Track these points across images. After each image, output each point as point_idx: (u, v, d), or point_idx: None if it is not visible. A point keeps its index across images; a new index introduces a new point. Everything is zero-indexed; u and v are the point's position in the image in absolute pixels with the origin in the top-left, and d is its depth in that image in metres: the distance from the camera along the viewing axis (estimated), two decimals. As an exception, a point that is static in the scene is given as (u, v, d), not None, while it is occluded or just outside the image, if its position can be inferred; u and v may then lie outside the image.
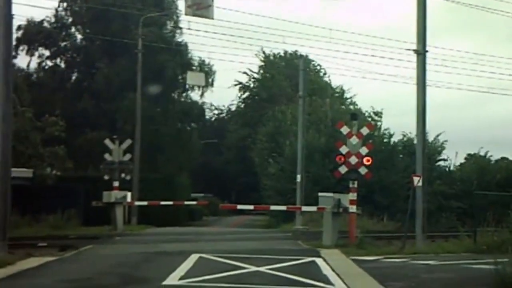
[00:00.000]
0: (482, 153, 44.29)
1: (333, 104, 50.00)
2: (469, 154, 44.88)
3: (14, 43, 45.49)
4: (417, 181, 22.01)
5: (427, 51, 23.56)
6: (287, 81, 63.52)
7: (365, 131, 22.57)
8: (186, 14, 25.62)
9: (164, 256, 17.36)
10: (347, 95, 64.18)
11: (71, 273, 14.05)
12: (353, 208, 21.60)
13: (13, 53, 43.65)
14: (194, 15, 24.79)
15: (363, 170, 21.81)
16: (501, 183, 39.66)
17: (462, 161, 45.30)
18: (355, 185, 21.81)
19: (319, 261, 16.24)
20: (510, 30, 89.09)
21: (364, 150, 21.94)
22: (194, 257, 16.34)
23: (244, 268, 14.52)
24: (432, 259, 17.44)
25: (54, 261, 16.03)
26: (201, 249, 18.82)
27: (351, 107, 55.64)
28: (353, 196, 21.64)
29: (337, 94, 62.24)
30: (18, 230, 27.67)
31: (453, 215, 38.96)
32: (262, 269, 14.40)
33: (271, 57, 69.54)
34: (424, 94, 23.52)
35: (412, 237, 22.65)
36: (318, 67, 66.94)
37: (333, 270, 14.53)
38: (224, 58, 71.78)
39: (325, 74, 67.53)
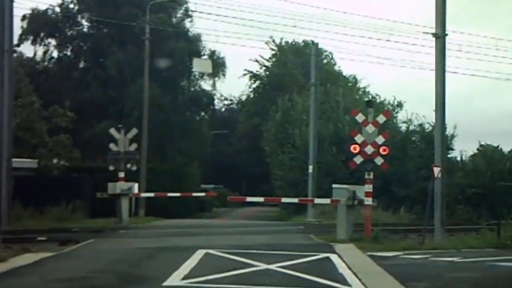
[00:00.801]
0: (494, 144, 43.17)
1: (347, 93, 48.92)
2: (481, 145, 43.71)
3: (19, 32, 44.72)
4: (437, 172, 20.85)
5: (446, 34, 22.39)
6: (298, 69, 62.38)
7: (381, 119, 21.32)
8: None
9: (168, 252, 16.32)
10: (360, 84, 63.06)
11: (66, 271, 13.04)
12: (368, 201, 20.45)
13: (17, 42, 42.80)
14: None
15: (379, 160, 20.55)
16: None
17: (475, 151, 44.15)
18: (371, 176, 20.56)
19: (333, 257, 15.18)
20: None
21: (380, 139, 20.68)
22: (200, 253, 15.30)
23: (254, 266, 13.47)
24: (454, 256, 16.35)
25: (50, 258, 15.00)
26: (208, 243, 17.80)
27: (365, 96, 54.48)
28: (369, 188, 20.44)
29: (350, 84, 61.07)
30: (20, 222, 26.83)
31: (469, 207, 37.87)
32: (272, 267, 13.37)
33: (283, 45, 68.37)
34: (444, 80, 22.42)
35: (430, 231, 21.57)
36: (330, 56, 65.86)
37: (349, 268, 13.47)
38: (235, 42, 70.10)
39: (335, 64, 66.58)
